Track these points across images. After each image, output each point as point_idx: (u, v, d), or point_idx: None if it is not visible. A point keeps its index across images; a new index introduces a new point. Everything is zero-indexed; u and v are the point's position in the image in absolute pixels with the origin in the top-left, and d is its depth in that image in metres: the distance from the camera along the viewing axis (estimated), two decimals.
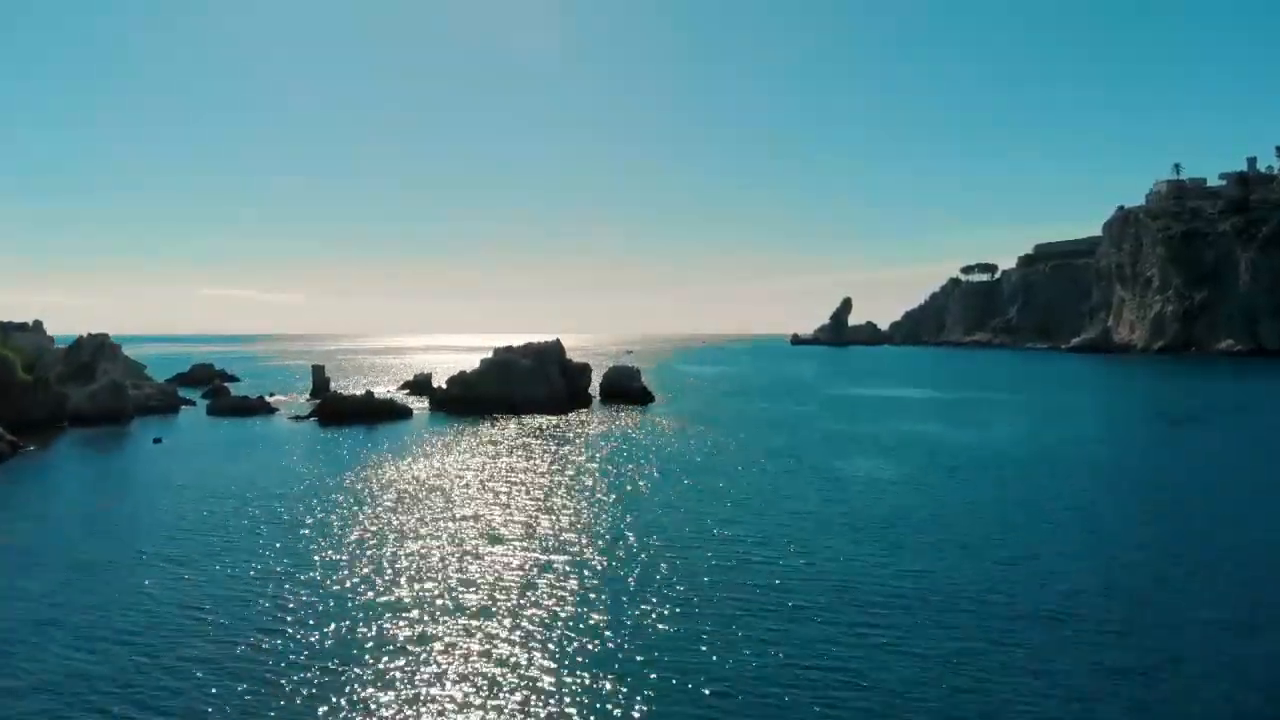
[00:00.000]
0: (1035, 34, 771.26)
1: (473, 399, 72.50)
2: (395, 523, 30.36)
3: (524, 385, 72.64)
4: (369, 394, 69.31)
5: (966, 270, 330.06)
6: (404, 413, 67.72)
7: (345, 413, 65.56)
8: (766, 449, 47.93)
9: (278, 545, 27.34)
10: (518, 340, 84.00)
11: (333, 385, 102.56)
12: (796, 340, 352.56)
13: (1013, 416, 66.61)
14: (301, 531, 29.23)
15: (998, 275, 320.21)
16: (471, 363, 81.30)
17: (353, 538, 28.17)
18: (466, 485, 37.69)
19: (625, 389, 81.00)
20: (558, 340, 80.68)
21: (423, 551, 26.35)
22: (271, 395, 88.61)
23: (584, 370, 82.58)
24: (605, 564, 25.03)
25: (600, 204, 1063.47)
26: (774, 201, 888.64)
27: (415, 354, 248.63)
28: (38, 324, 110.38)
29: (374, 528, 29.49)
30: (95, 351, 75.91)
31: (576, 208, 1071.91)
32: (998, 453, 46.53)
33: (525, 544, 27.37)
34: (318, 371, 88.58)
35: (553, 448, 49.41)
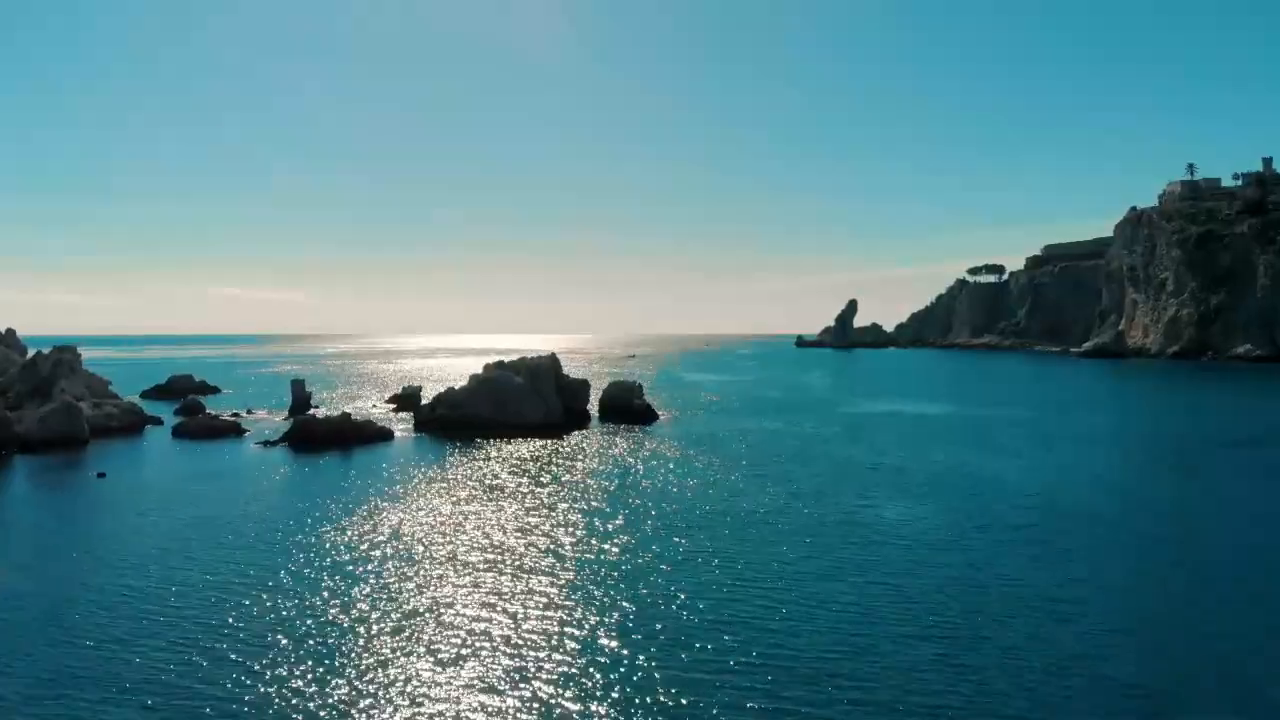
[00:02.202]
0: (1041, 33, 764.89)
1: (460, 419, 66.93)
2: (352, 594, 24.72)
3: (516, 405, 67.05)
4: (345, 415, 63.66)
5: (974, 271, 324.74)
6: (384, 435, 62.13)
7: (319, 437, 59.99)
8: (784, 491, 42.18)
9: (201, 636, 21.73)
10: (519, 341, 79.41)
11: (318, 398, 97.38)
12: (801, 343, 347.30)
13: (1051, 443, 60.93)
14: (241, 615, 23.61)
15: (1005, 276, 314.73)
16: (469, 368, 75.99)
17: (299, 618, 22.60)
18: (435, 540, 32.03)
19: (626, 406, 75.38)
20: (553, 355, 75.18)
21: (380, 644, 20.79)
22: (249, 411, 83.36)
23: (582, 387, 77.04)
24: (581, 671, 19.48)
25: (601, 204, 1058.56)
26: (774, 201, 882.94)
27: (413, 359, 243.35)
28: (10, 333, 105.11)
29: (326, 604, 23.89)
30: (53, 368, 70.42)
31: (578, 208, 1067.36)
32: (1049, 498, 40.85)
33: (481, 639, 21.82)
34: (297, 386, 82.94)
35: (539, 490, 43.77)
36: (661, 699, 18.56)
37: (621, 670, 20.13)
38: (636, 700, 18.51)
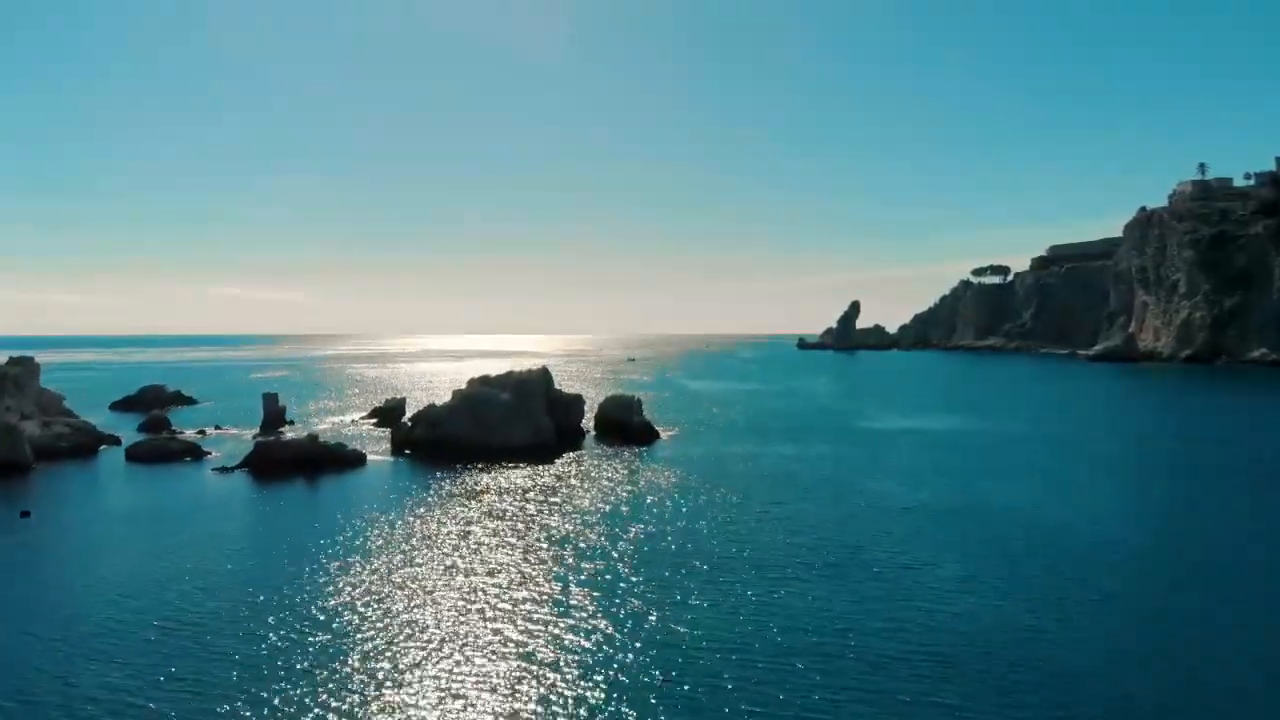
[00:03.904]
0: (1045, 30, 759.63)
1: (440, 440, 61.26)
2: (279, 679, 19.00)
3: (501, 425, 61.33)
4: (313, 438, 57.91)
5: (978, 272, 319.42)
6: (354, 461, 56.36)
7: (282, 463, 54.30)
8: (806, 542, 36.07)
9: None
10: (519, 342, 73.69)
11: (298, 409, 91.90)
12: (803, 344, 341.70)
13: (1103, 470, 55.13)
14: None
15: (1010, 277, 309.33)
16: (463, 373, 70.46)
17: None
18: (387, 604, 26.29)
19: (624, 424, 69.65)
20: (544, 369, 69.54)
21: None
22: (217, 428, 77.58)
23: (575, 402, 71.42)
24: None
25: (602, 204, 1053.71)
26: (774, 201, 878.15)
27: (408, 362, 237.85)
28: None
29: (245, 689, 18.17)
30: None
31: (578, 208, 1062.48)
32: (1126, 550, 35.12)
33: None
34: (270, 401, 77.33)
35: (514, 540, 38.00)
36: None
37: None
38: None
